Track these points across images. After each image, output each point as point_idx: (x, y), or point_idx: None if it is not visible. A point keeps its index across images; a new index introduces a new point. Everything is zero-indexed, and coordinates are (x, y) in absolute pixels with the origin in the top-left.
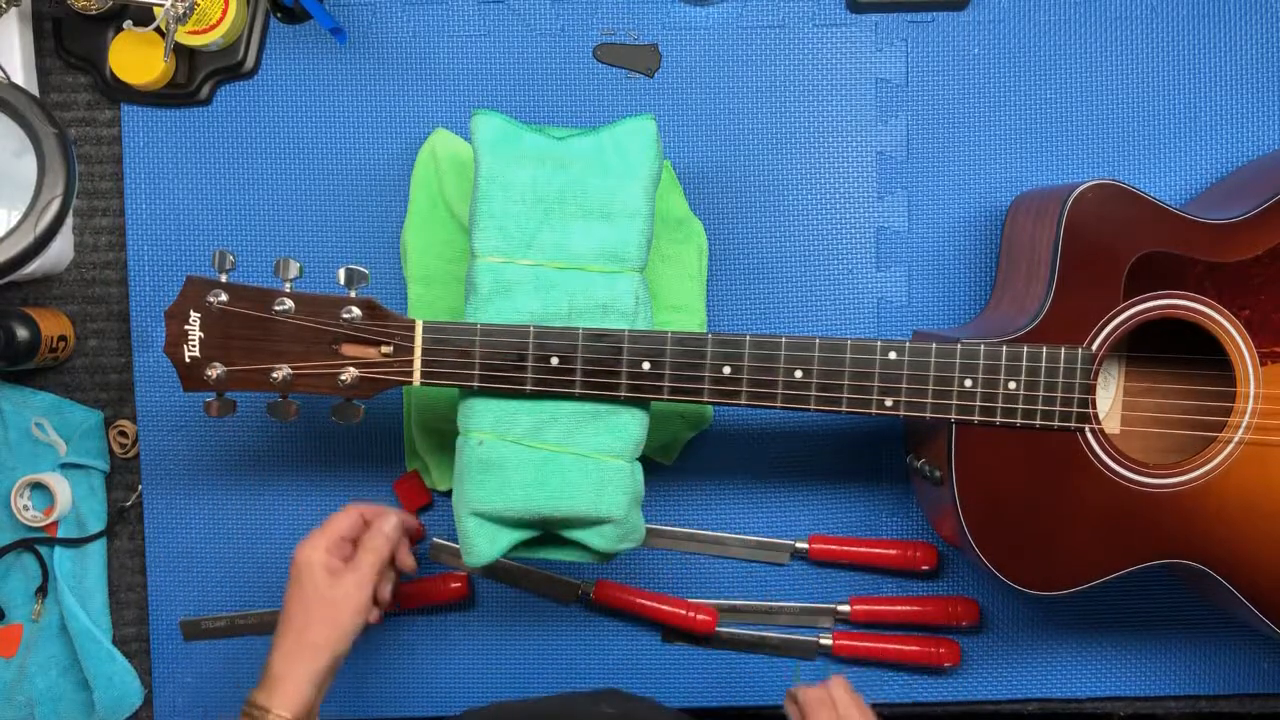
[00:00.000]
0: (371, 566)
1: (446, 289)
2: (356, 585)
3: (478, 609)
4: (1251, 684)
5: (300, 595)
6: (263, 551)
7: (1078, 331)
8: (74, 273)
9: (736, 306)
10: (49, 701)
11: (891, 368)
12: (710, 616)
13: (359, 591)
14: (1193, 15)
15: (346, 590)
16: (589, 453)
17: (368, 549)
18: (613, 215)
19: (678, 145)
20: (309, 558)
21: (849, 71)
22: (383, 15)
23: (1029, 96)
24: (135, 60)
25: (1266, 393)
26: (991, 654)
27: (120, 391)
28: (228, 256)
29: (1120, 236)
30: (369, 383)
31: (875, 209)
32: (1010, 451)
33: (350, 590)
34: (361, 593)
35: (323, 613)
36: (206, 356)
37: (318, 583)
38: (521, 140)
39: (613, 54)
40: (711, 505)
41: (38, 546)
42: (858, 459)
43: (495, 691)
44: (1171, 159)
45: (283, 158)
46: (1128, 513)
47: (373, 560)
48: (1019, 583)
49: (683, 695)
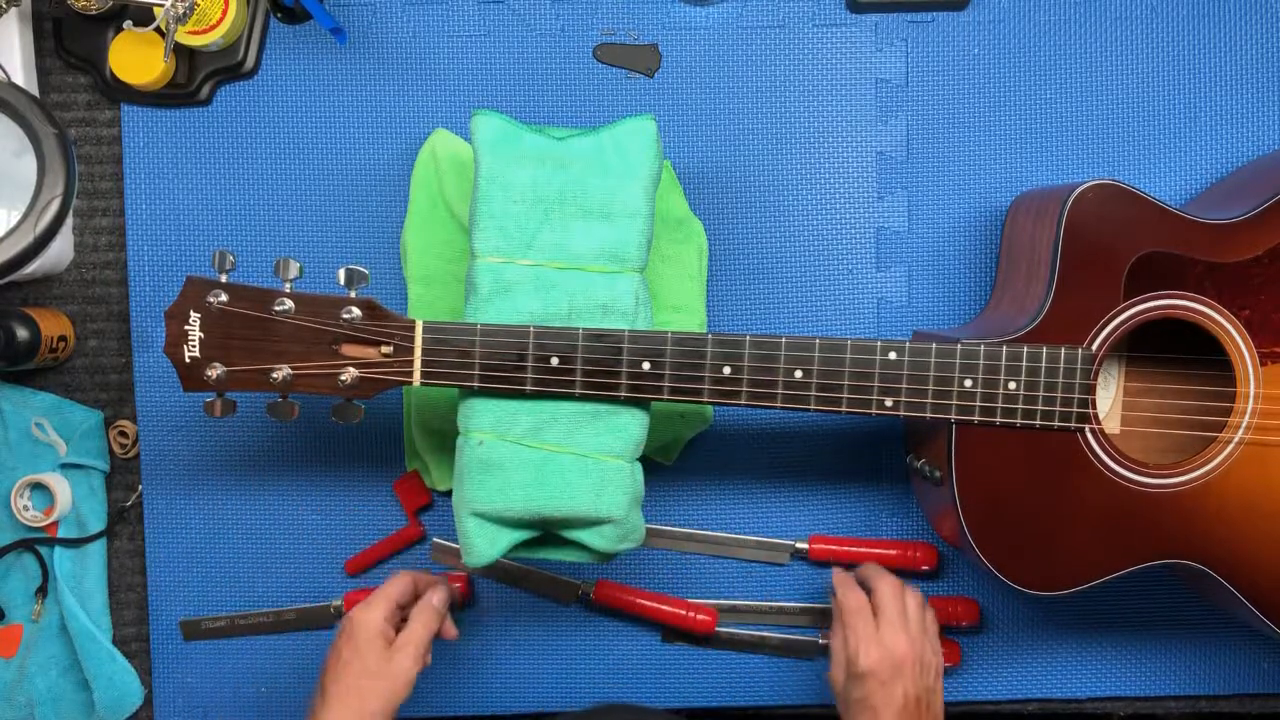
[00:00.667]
0: (424, 641)
1: (446, 289)
2: (412, 659)
3: (478, 609)
4: (1251, 684)
5: (360, 663)
6: (263, 551)
7: (1078, 331)
8: (74, 273)
9: (736, 306)
10: (49, 702)
11: (891, 368)
12: (710, 616)
13: (413, 665)
14: (1193, 15)
15: (404, 665)
16: (589, 453)
17: (420, 622)
18: (613, 215)
19: (678, 145)
20: (369, 624)
21: (849, 71)
22: (383, 15)
23: (1029, 96)
24: (135, 60)
25: (1266, 393)
26: (991, 654)
27: (120, 391)
28: (228, 256)
29: (1120, 236)
30: (369, 383)
31: (875, 209)
32: (1010, 451)
33: (407, 665)
34: (415, 666)
35: (382, 685)
36: (206, 357)
37: (378, 653)
38: (521, 140)
39: (613, 54)
40: (711, 505)
41: (38, 546)
42: (858, 459)
43: (495, 691)
44: (1171, 159)
45: (283, 158)
46: (1128, 513)
47: (425, 635)
48: (1019, 583)
49: (683, 695)
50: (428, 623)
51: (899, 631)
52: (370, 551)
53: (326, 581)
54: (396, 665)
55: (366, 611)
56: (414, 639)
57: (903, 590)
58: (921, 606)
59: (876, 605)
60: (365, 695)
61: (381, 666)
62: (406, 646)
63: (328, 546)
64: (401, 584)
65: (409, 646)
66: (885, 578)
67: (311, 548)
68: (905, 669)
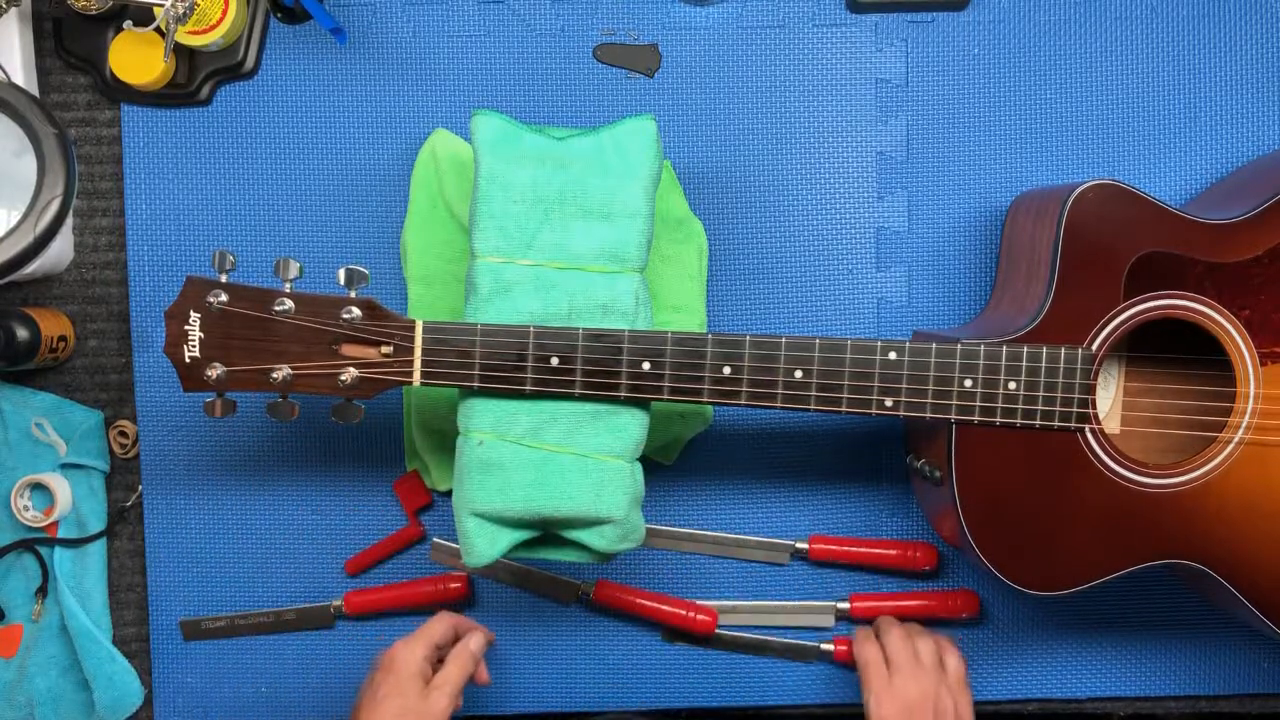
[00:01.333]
0: (460, 683)
1: (446, 289)
2: (448, 699)
3: (478, 609)
4: (1251, 684)
5: (399, 700)
6: (263, 551)
7: (1078, 331)
8: (74, 273)
9: (736, 306)
10: (49, 702)
11: (891, 368)
12: (710, 617)
13: (449, 706)
14: (1193, 15)
15: (440, 704)
16: (589, 453)
17: (457, 665)
18: (613, 215)
19: (678, 145)
20: (411, 662)
21: (849, 71)
22: (383, 15)
23: (1029, 96)
24: (135, 60)
25: (1266, 393)
26: (991, 653)
27: (120, 391)
28: (228, 256)
29: (1120, 236)
30: (369, 383)
31: (875, 209)
32: (1010, 452)
33: (444, 705)
34: (450, 707)
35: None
36: (206, 357)
37: (417, 692)
38: (521, 140)
39: (613, 54)
40: (711, 505)
41: (38, 546)
42: (858, 459)
43: (495, 691)
44: (1171, 159)
45: (283, 158)
46: (1128, 513)
47: (461, 678)
48: (1019, 583)
49: (683, 695)
50: (464, 665)
51: (909, 679)
52: (370, 551)
53: (326, 581)
54: (433, 704)
55: (409, 649)
56: (450, 680)
57: (910, 636)
58: (936, 649)
59: (888, 657)
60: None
61: (419, 705)
62: (444, 686)
63: (328, 546)
64: (444, 626)
65: (446, 686)
66: (893, 628)
67: (311, 548)
68: (917, 713)
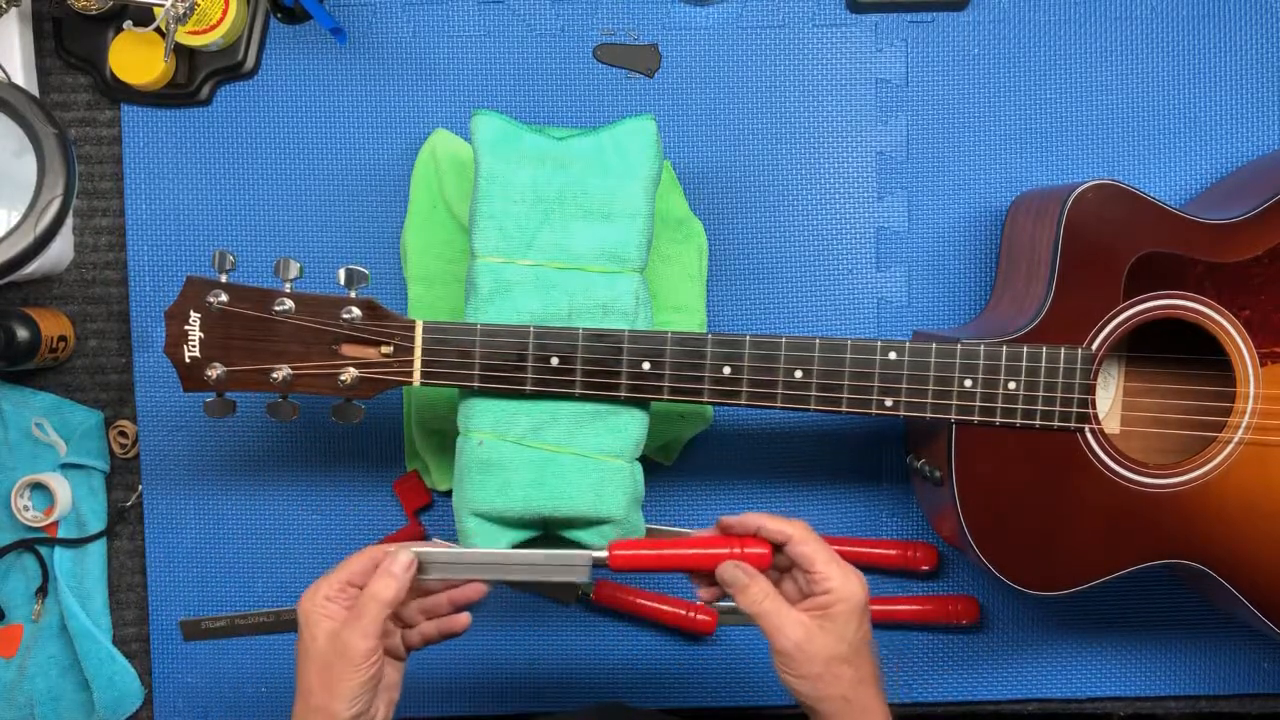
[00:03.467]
0: (373, 615)
1: (446, 289)
2: (360, 635)
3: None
4: (1251, 684)
5: (302, 653)
6: (263, 551)
7: (1078, 331)
8: (74, 273)
9: (736, 306)
10: (49, 702)
11: (891, 368)
12: (710, 617)
13: (362, 642)
14: (1193, 15)
15: (347, 643)
16: (589, 453)
17: (369, 594)
18: (613, 215)
19: (678, 145)
20: (306, 610)
21: (849, 71)
22: (383, 15)
23: (1029, 96)
24: (135, 60)
25: (1266, 393)
26: (991, 654)
27: (120, 391)
28: (228, 257)
29: (1120, 236)
30: (369, 383)
31: (875, 209)
32: (1010, 451)
33: (353, 641)
34: (363, 643)
35: (321, 674)
36: (206, 357)
37: (317, 639)
38: (521, 140)
39: (613, 54)
40: (711, 505)
41: (38, 546)
42: (858, 459)
43: (495, 692)
44: (1171, 159)
45: (283, 158)
46: (1128, 513)
47: (375, 608)
48: (1019, 583)
49: (683, 695)
50: (377, 593)
51: None
52: None
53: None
54: (336, 645)
55: (307, 595)
56: (360, 612)
57: None
58: None
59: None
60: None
61: (319, 651)
62: (352, 622)
63: (328, 546)
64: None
65: (355, 621)
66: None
67: (311, 548)
68: None
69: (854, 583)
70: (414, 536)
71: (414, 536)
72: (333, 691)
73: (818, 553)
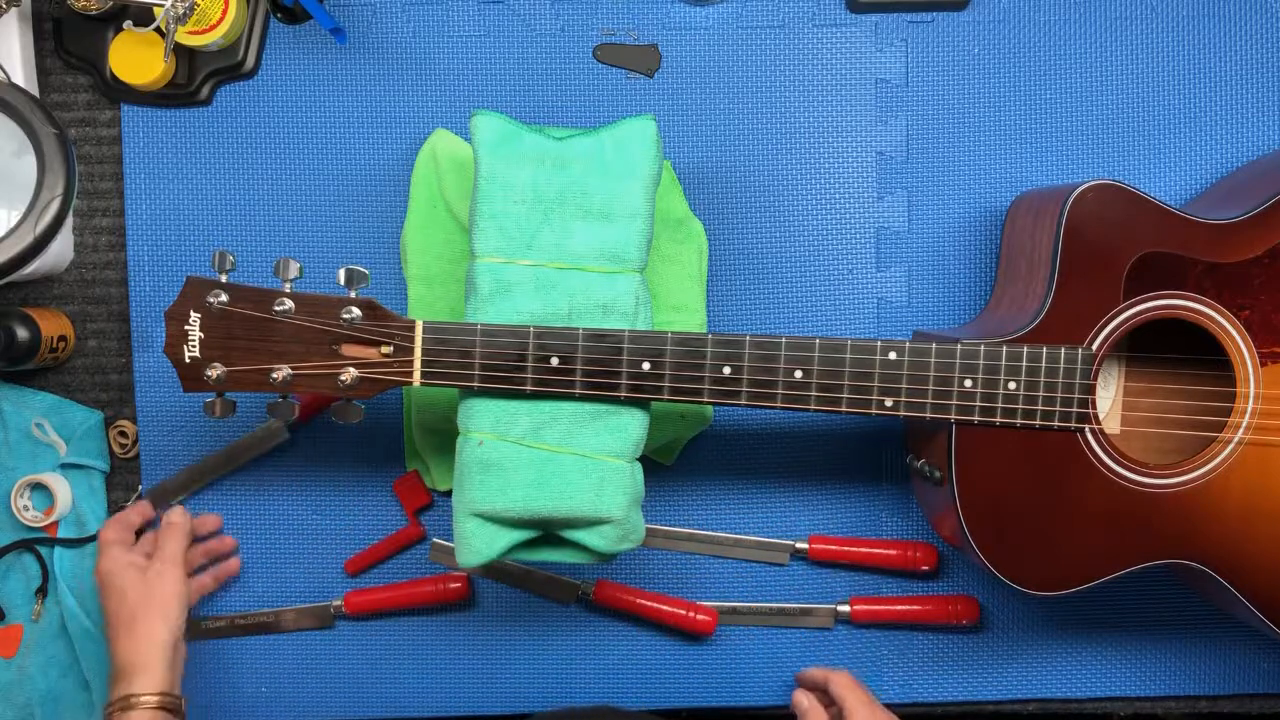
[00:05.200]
0: (176, 554)
1: (446, 289)
2: (168, 566)
3: (478, 609)
4: (1251, 684)
5: (118, 596)
6: (263, 551)
7: (1078, 331)
8: (74, 273)
9: (736, 306)
10: (49, 702)
11: (891, 368)
12: (710, 617)
13: (170, 570)
14: (1193, 15)
15: (167, 581)
16: (589, 453)
17: (165, 536)
18: (613, 215)
19: (678, 145)
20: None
21: (849, 71)
22: (383, 15)
23: (1029, 96)
24: (135, 60)
25: (1266, 393)
26: (991, 654)
27: (120, 391)
28: (228, 257)
29: (1120, 237)
30: (369, 383)
31: (875, 209)
32: (1010, 452)
33: (170, 578)
34: (172, 571)
35: (146, 601)
36: (206, 357)
37: (130, 578)
38: (521, 140)
39: (613, 54)
40: (711, 505)
41: (38, 546)
42: (858, 459)
43: (495, 692)
44: (1171, 159)
45: (283, 158)
46: (1128, 513)
47: (175, 547)
48: (1019, 583)
49: (683, 695)
50: (173, 535)
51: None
52: (370, 551)
53: (326, 581)
54: (154, 577)
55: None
56: (166, 555)
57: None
58: None
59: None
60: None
61: (140, 587)
62: (157, 559)
63: (328, 546)
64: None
65: (161, 563)
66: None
67: (311, 548)
68: None
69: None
70: (414, 536)
71: (414, 536)
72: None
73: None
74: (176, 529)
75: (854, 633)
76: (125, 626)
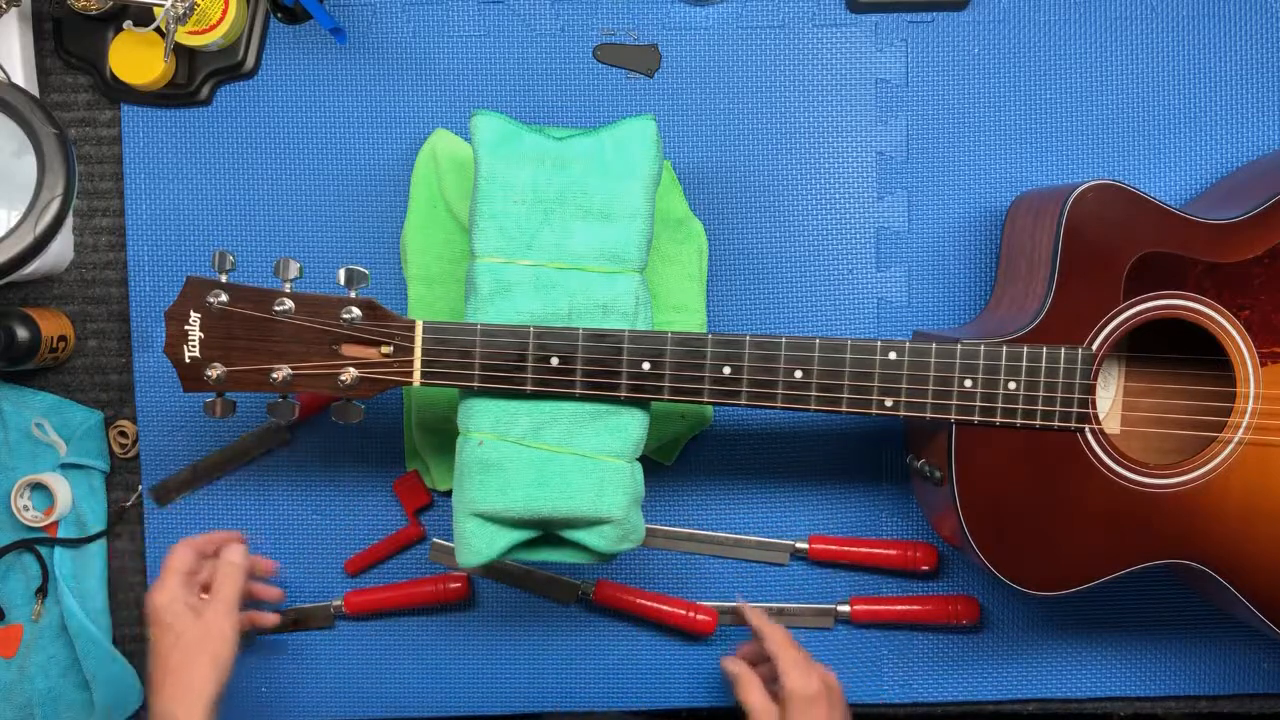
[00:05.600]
0: (232, 598)
1: (446, 289)
2: (224, 615)
3: (478, 609)
4: (1251, 684)
5: (172, 638)
6: (263, 551)
7: (1078, 331)
8: (74, 273)
9: (736, 306)
10: (49, 702)
11: (891, 368)
12: (710, 617)
13: (227, 620)
14: (1193, 15)
15: (217, 622)
16: (589, 453)
17: (222, 579)
18: (613, 215)
19: (678, 145)
20: (167, 602)
21: (849, 71)
22: (383, 15)
23: (1029, 96)
24: (135, 60)
25: (1266, 393)
26: (991, 654)
27: (120, 391)
28: (228, 257)
29: (1120, 237)
30: (369, 383)
31: (875, 209)
32: (1010, 452)
33: (220, 622)
34: (228, 621)
35: (201, 650)
36: (206, 357)
37: (188, 623)
38: (521, 140)
39: (613, 54)
40: (711, 505)
41: (38, 546)
42: (858, 459)
43: (495, 692)
44: (1171, 159)
45: (283, 158)
46: (1128, 513)
47: (232, 590)
48: (1019, 583)
49: (683, 695)
50: (231, 577)
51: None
52: (370, 551)
53: (326, 581)
54: (212, 624)
55: (157, 593)
56: (222, 597)
57: None
58: None
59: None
60: (184, 664)
61: (198, 633)
62: (216, 604)
63: (328, 546)
64: (184, 553)
65: (218, 604)
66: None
67: (311, 548)
68: (837, 695)
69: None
70: (414, 536)
71: (414, 536)
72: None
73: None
74: (237, 571)
75: (854, 633)
76: (174, 673)
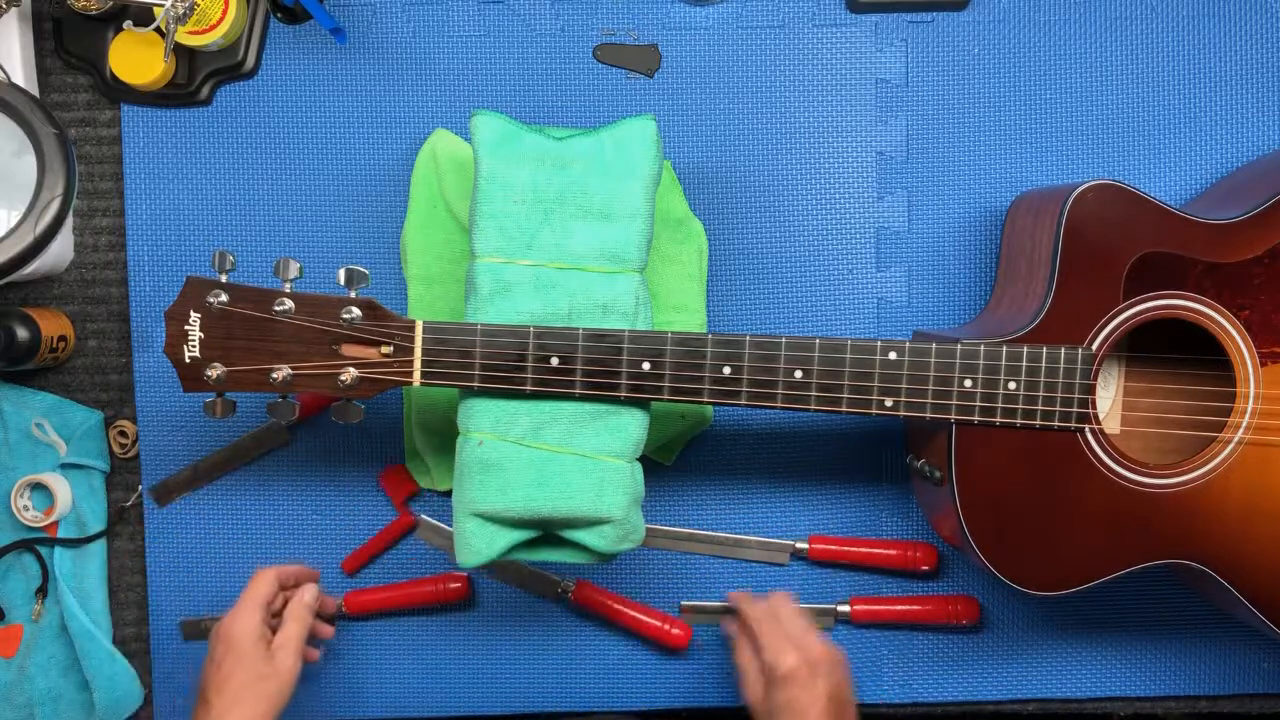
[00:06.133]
0: (299, 638)
1: (446, 289)
2: (294, 657)
3: (478, 609)
4: (1251, 684)
5: (244, 670)
6: (263, 551)
7: (1078, 331)
8: (74, 273)
9: (736, 306)
10: (49, 702)
11: (891, 368)
12: (684, 632)
13: (295, 662)
14: (1193, 15)
15: (286, 663)
16: (589, 453)
17: (295, 621)
18: (613, 215)
19: (678, 145)
20: (247, 632)
21: (849, 71)
22: (383, 15)
23: (1029, 96)
24: (135, 60)
25: (1266, 393)
26: (991, 654)
27: (120, 391)
28: (228, 257)
29: (1120, 237)
30: (369, 383)
31: (875, 209)
32: (1010, 452)
33: (290, 663)
34: (296, 661)
35: (269, 686)
36: (206, 357)
37: (261, 657)
38: (521, 141)
39: (613, 54)
40: (711, 505)
41: (38, 546)
42: (858, 459)
43: (495, 692)
44: (1171, 159)
45: (283, 158)
46: (1128, 513)
47: (301, 632)
48: (1019, 583)
49: (680, 696)
50: (302, 619)
51: (808, 632)
52: (365, 548)
53: (326, 581)
54: (280, 664)
55: (241, 620)
56: (292, 637)
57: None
58: None
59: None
60: (256, 699)
61: (266, 669)
62: (286, 645)
63: (327, 546)
64: (267, 585)
65: (289, 644)
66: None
67: (311, 548)
68: (822, 666)
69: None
70: (405, 527)
71: (405, 527)
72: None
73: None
74: (309, 614)
75: (854, 633)
76: (235, 697)
